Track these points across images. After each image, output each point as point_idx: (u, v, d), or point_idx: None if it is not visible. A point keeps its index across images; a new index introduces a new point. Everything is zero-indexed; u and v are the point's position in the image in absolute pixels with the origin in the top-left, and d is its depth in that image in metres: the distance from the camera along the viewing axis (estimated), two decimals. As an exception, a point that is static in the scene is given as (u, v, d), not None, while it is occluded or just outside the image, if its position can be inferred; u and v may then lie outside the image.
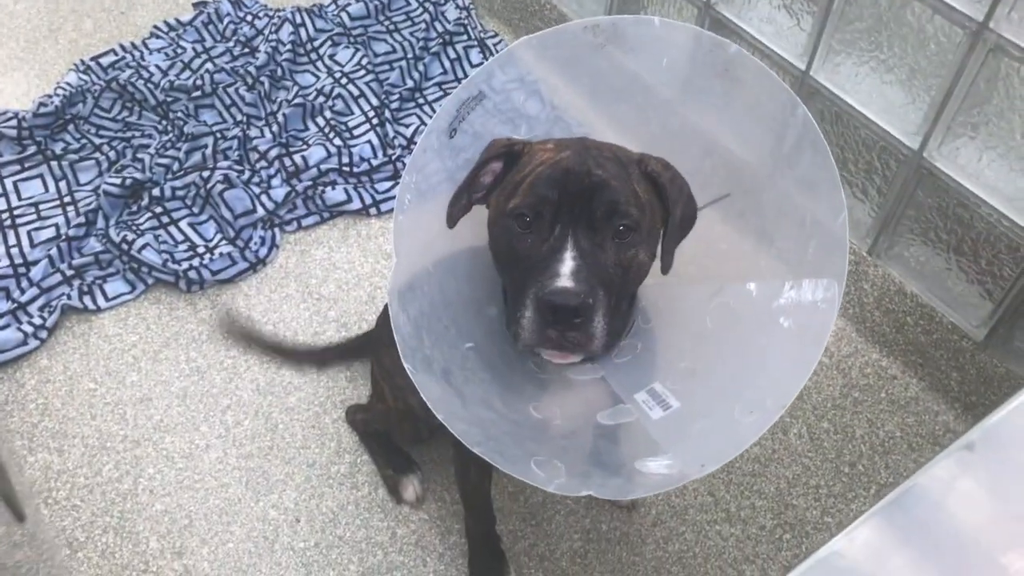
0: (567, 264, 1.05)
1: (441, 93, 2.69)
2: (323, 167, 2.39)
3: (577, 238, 1.08)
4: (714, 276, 1.29)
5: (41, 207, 2.34)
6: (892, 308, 2.04)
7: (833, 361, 2.07)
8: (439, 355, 1.14)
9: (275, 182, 2.37)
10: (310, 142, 2.48)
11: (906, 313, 2.02)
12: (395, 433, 1.83)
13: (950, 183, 1.80)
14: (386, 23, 2.87)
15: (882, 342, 2.08)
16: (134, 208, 2.32)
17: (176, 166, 2.40)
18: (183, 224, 2.30)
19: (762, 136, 1.19)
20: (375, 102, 2.58)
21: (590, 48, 1.20)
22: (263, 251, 2.25)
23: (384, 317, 1.82)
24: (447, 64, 2.77)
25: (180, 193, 2.34)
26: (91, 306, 2.13)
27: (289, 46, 2.72)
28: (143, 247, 2.17)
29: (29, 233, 2.26)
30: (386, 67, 2.74)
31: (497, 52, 2.74)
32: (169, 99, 2.57)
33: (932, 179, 1.84)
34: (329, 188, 2.37)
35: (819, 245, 1.13)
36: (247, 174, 2.37)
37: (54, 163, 2.44)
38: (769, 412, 1.05)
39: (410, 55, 2.74)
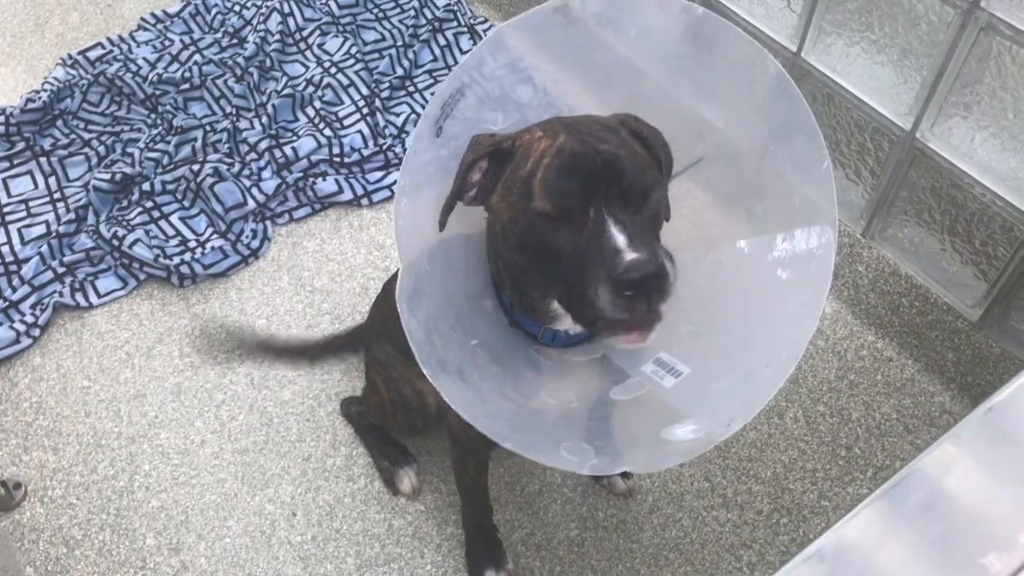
0: (621, 239, 1.03)
1: (432, 81, 2.68)
2: (313, 158, 2.38)
3: (613, 214, 1.06)
4: (699, 240, 1.28)
5: (31, 204, 2.32)
6: (887, 290, 2.03)
7: (828, 344, 2.07)
8: (451, 356, 1.13)
9: (265, 174, 2.36)
10: (300, 133, 2.47)
11: (901, 295, 2.01)
12: (390, 425, 1.83)
13: (943, 163, 1.79)
14: (375, 11, 2.85)
15: (877, 324, 2.08)
16: (124, 203, 2.31)
17: (166, 160, 2.38)
18: (174, 219, 2.28)
19: (735, 95, 1.18)
20: (365, 91, 2.56)
21: (573, 30, 1.19)
22: (255, 244, 2.24)
23: (375, 309, 1.82)
24: (437, 51, 2.75)
25: (170, 187, 2.33)
26: (83, 303, 2.12)
27: (278, 36, 2.71)
28: (134, 242, 2.16)
29: (19, 231, 2.26)
30: (376, 55, 2.72)
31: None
32: (158, 92, 2.55)
33: (925, 160, 1.83)
34: (320, 179, 2.36)
35: (805, 196, 1.12)
36: (237, 167, 2.36)
37: (43, 159, 2.43)
38: (785, 362, 1.05)
39: (399, 43, 2.72)
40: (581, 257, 1.06)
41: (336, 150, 2.41)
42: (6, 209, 2.30)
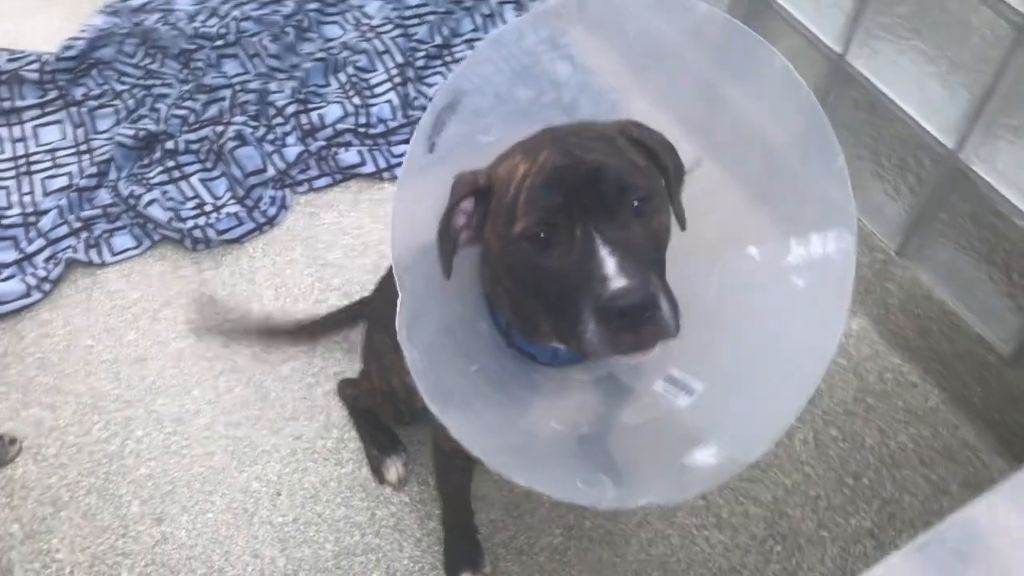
0: (609, 263, 0.96)
1: (470, 51, 2.60)
2: (339, 127, 2.34)
3: (602, 231, 0.98)
4: (709, 244, 1.21)
5: (57, 154, 2.33)
6: (917, 312, 1.92)
7: (850, 363, 1.97)
8: (455, 385, 1.07)
9: (290, 140, 2.32)
10: (328, 99, 2.42)
11: (931, 319, 1.89)
12: (380, 412, 1.80)
13: (985, 188, 1.66)
14: (420, -27, 2.77)
15: (904, 347, 1.97)
16: (147, 161, 2.30)
17: (192, 118, 2.36)
18: (194, 180, 2.27)
19: (743, 92, 1.11)
20: (399, 59, 2.50)
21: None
22: (272, 211, 2.21)
23: (380, 291, 1.78)
24: (479, 21, 2.66)
25: (194, 147, 2.31)
26: (96, 260, 2.12)
27: (318, -5, 2.66)
28: (150, 203, 2.15)
29: (43, 181, 2.27)
30: (415, 20, 2.64)
31: (532, 10, 2.63)
32: (192, 47, 2.53)
33: (967, 182, 1.70)
34: (343, 149, 2.31)
35: (819, 197, 1.05)
36: (262, 131, 2.32)
37: (73, 109, 2.43)
38: (809, 375, 1.00)
39: (441, 9, 2.64)
40: (569, 282, 0.99)
41: (363, 120, 2.36)
42: (33, 158, 2.32)
